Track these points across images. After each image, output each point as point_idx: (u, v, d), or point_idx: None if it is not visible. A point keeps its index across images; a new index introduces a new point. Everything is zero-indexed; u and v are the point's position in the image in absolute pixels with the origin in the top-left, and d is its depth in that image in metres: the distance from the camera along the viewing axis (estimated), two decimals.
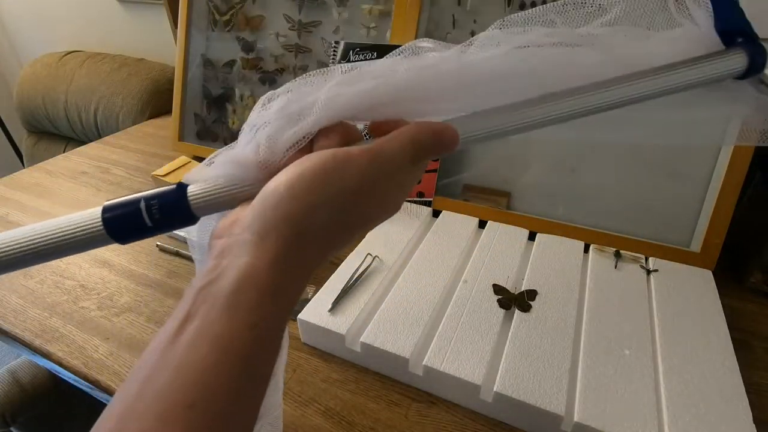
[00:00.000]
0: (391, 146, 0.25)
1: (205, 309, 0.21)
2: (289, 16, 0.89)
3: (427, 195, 0.79)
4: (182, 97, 1.01)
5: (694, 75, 0.28)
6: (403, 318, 0.54)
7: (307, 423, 0.48)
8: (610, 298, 0.56)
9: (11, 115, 1.75)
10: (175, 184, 0.25)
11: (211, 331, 0.20)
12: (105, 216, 0.25)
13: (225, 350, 0.20)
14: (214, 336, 0.20)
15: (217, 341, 0.20)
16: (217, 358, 0.20)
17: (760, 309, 0.62)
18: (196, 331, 0.20)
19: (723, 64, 0.29)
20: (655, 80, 0.28)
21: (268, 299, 0.22)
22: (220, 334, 0.20)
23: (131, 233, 0.25)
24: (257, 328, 0.21)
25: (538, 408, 0.44)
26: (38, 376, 0.93)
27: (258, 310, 0.21)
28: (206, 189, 0.25)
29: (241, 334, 0.20)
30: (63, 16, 1.62)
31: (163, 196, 0.25)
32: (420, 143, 0.26)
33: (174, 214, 0.25)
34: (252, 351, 0.21)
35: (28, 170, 1.04)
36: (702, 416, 0.43)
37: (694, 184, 0.65)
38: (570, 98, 0.28)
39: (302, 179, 0.23)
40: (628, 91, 0.28)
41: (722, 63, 0.29)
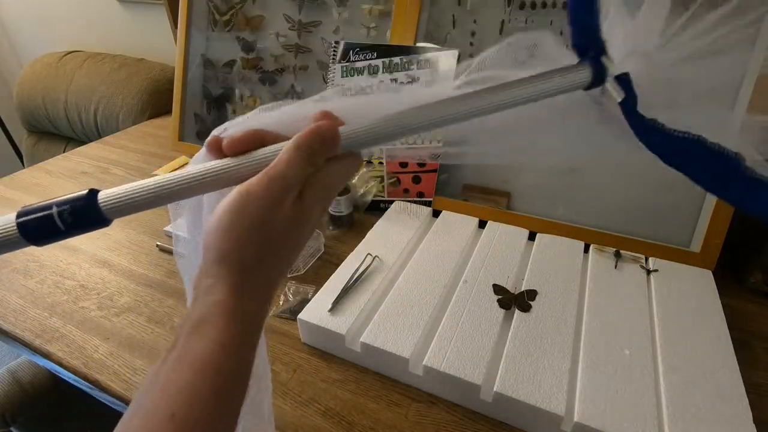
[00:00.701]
0: (279, 164, 0.28)
1: (183, 338, 0.25)
2: (289, 16, 0.89)
3: (427, 195, 0.79)
4: (182, 97, 1.01)
5: (547, 86, 0.32)
6: (403, 318, 0.54)
7: (307, 423, 0.48)
8: (610, 298, 0.56)
9: (11, 115, 1.75)
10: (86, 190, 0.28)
11: (189, 355, 0.25)
12: (19, 221, 0.27)
13: (201, 368, 0.24)
14: (191, 358, 0.24)
15: (193, 362, 0.24)
16: (194, 376, 0.24)
17: (760, 309, 0.62)
18: (177, 356, 0.25)
19: (571, 77, 0.32)
20: (514, 91, 0.31)
21: (233, 322, 0.26)
22: (195, 356, 0.24)
23: (45, 237, 0.27)
24: (226, 347, 0.25)
25: (538, 408, 0.44)
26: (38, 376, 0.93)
27: (226, 331, 0.25)
28: (116, 194, 0.28)
29: (213, 354, 0.24)
30: (63, 16, 1.62)
31: (75, 201, 0.27)
32: (304, 145, 0.28)
33: (85, 219, 0.27)
34: (225, 366, 0.25)
35: (28, 170, 1.04)
36: (702, 416, 0.43)
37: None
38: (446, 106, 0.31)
39: (224, 216, 0.27)
40: (491, 99, 0.31)
41: (571, 76, 0.32)
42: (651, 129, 0.31)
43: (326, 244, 0.74)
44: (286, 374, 0.54)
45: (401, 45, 0.77)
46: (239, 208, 0.27)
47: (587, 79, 0.32)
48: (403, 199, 0.79)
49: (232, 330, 0.26)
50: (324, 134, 0.29)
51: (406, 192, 0.80)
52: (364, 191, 0.78)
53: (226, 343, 0.25)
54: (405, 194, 0.80)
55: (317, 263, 0.71)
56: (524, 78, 0.32)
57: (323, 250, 0.73)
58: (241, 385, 0.27)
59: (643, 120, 0.32)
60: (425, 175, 0.79)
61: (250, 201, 0.27)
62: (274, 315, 0.62)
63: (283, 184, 0.27)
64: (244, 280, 0.27)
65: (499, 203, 0.76)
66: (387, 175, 0.80)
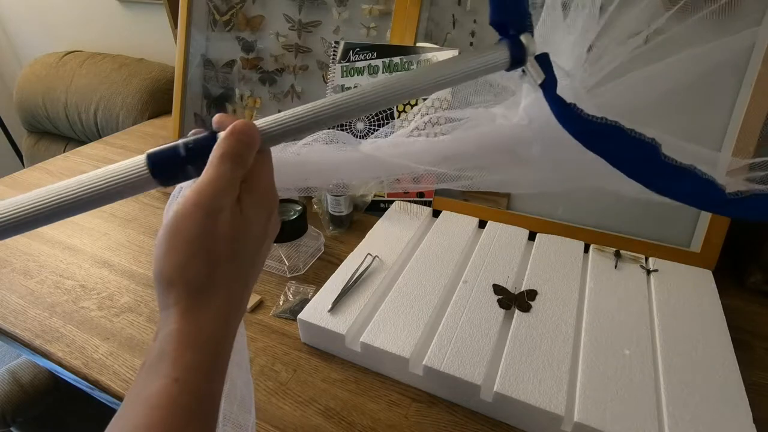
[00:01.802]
0: (210, 170, 0.27)
1: (141, 376, 0.25)
2: (289, 16, 0.89)
3: (427, 195, 0.79)
4: (182, 97, 1.01)
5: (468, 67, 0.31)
6: (403, 318, 0.54)
7: (307, 423, 0.48)
8: (610, 298, 0.56)
9: (11, 115, 1.74)
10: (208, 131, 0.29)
11: (144, 393, 0.24)
12: (149, 153, 0.28)
13: (157, 406, 0.23)
14: (146, 396, 0.23)
15: (148, 400, 0.23)
16: (150, 414, 0.23)
17: (760, 309, 0.62)
18: (133, 396, 0.24)
19: (490, 58, 0.31)
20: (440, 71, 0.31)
21: (185, 352, 0.24)
22: (150, 393, 0.23)
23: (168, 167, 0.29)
24: (180, 380, 0.24)
25: (538, 408, 0.44)
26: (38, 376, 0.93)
27: (178, 363, 0.24)
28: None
29: (168, 389, 0.23)
30: (63, 16, 1.62)
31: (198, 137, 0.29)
32: (228, 147, 0.28)
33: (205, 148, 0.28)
34: (180, 401, 0.24)
35: (28, 170, 1.04)
36: (702, 416, 0.43)
37: None
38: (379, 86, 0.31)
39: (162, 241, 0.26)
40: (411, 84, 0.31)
41: (490, 56, 0.31)
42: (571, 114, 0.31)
43: (326, 244, 0.74)
44: (286, 374, 0.54)
45: (401, 45, 0.77)
46: (173, 230, 0.26)
47: (505, 59, 0.31)
48: (403, 199, 0.79)
49: (188, 360, 0.24)
50: (241, 130, 0.28)
51: (406, 192, 0.80)
52: (364, 191, 0.78)
53: (180, 377, 0.24)
54: (405, 194, 0.80)
55: (317, 263, 0.71)
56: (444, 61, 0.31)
57: (323, 250, 0.73)
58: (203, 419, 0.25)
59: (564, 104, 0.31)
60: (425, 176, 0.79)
61: (182, 218, 0.26)
62: (274, 315, 0.62)
63: (213, 193, 0.26)
64: (194, 302, 0.25)
65: (499, 203, 0.76)
66: None
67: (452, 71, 0.31)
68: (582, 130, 0.31)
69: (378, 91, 0.30)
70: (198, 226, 0.26)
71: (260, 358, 0.56)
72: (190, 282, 0.26)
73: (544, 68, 0.32)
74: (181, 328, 0.25)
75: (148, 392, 0.23)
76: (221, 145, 0.28)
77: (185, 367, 0.24)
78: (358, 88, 0.31)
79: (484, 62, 0.31)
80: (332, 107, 0.30)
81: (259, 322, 0.61)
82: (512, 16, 0.32)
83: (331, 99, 0.30)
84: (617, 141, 0.30)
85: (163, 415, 0.23)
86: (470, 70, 0.31)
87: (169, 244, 0.26)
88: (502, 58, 0.31)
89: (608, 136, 0.31)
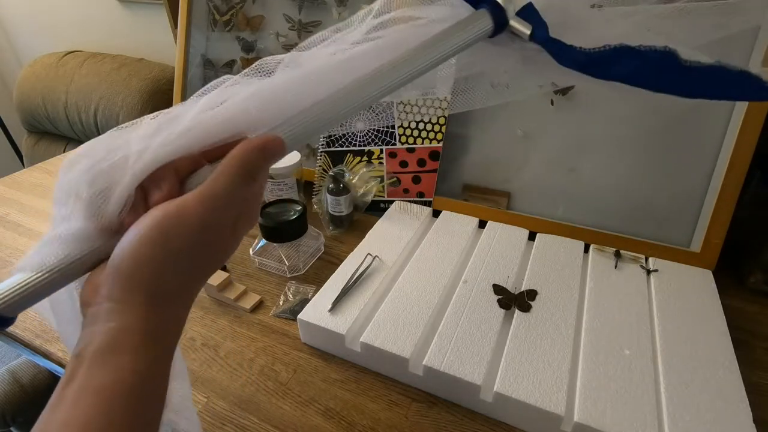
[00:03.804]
0: (223, 181, 0.25)
1: (83, 369, 0.22)
2: (289, 16, 0.89)
3: (427, 195, 0.79)
4: (182, 97, 1.01)
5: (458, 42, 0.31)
6: (403, 318, 0.54)
7: (307, 423, 0.48)
8: (610, 298, 0.56)
9: (11, 115, 1.74)
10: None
11: (92, 386, 0.21)
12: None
13: (107, 399, 0.21)
14: (95, 389, 0.21)
15: (98, 393, 0.21)
16: (100, 408, 0.21)
17: (760, 309, 0.62)
18: (77, 389, 0.21)
19: (472, 28, 0.31)
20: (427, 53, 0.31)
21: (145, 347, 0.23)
22: (100, 385, 0.21)
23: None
24: (139, 372, 0.22)
25: (538, 408, 0.44)
26: (38, 376, 0.93)
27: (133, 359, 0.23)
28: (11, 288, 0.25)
29: (122, 382, 0.22)
30: (63, 16, 1.62)
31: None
32: (249, 163, 0.26)
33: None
34: (135, 394, 0.22)
35: (28, 170, 1.04)
36: (702, 416, 0.43)
37: (694, 183, 0.65)
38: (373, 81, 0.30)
39: (142, 243, 0.24)
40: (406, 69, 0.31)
41: (471, 27, 0.31)
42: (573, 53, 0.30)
43: (326, 244, 0.74)
44: (286, 374, 0.54)
45: None
46: (165, 232, 0.24)
47: (489, 25, 0.31)
48: (403, 199, 0.79)
49: (148, 354, 0.23)
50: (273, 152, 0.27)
51: (406, 192, 0.80)
52: (364, 191, 0.78)
53: (140, 369, 0.23)
54: (405, 194, 0.80)
55: (317, 263, 0.71)
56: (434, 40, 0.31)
57: (323, 250, 0.73)
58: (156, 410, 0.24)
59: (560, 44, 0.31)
60: (425, 175, 0.79)
61: (181, 224, 0.24)
62: (274, 315, 0.62)
63: (223, 201, 0.25)
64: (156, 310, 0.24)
65: (499, 203, 0.76)
66: (387, 175, 0.80)
67: (444, 48, 0.31)
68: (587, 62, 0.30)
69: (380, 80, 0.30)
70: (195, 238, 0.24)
71: (260, 358, 0.56)
72: (166, 291, 0.24)
73: (530, 19, 0.31)
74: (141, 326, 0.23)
75: (99, 384, 0.21)
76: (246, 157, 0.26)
77: (145, 361, 0.23)
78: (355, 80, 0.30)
79: (471, 34, 0.31)
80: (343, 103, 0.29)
81: (259, 322, 0.61)
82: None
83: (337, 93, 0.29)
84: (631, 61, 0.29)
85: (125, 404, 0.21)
86: (460, 45, 0.31)
87: (155, 247, 0.24)
88: (486, 25, 0.31)
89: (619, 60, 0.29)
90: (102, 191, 0.26)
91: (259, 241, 0.69)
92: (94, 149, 0.27)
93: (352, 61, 0.30)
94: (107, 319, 0.23)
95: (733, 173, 0.61)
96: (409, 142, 0.78)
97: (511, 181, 0.76)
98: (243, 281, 0.67)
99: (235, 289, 0.64)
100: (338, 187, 0.75)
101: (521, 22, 0.31)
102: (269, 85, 0.29)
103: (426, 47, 0.31)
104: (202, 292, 0.65)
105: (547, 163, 0.73)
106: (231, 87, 0.30)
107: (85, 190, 0.26)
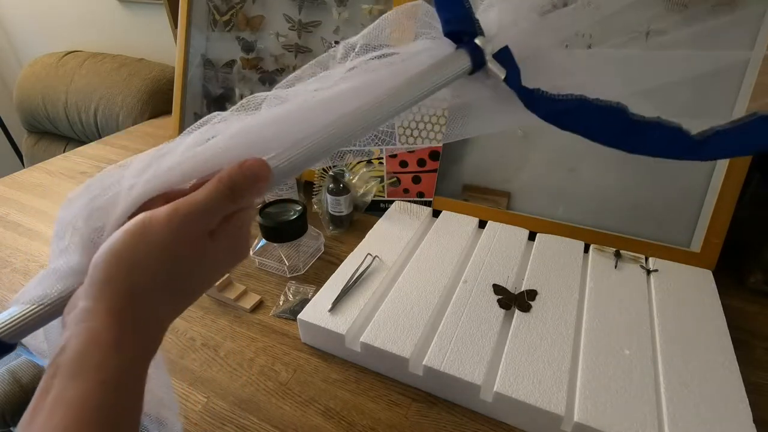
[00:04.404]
0: (202, 192, 0.26)
1: (57, 380, 0.23)
2: (289, 16, 0.89)
3: (427, 195, 0.79)
4: (182, 97, 1.01)
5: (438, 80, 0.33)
6: (403, 318, 0.54)
7: (307, 423, 0.48)
8: (610, 298, 0.56)
9: (11, 115, 1.75)
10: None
11: (65, 398, 0.22)
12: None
13: (80, 411, 0.22)
14: (68, 400, 0.22)
15: (71, 404, 0.22)
16: (74, 420, 0.21)
17: (760, 309, 0.62)
18: (52, 401, 0.22)
19: (455, 67, 0.33)
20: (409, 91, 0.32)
21: (113, 355, 0.23)
22: (73, 397, 0.22)
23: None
24: (106, 383, 0.23)
25: (538, 408, 0.44)
26: (38, 376, 0.93)
27: (104, 366, 0.23)
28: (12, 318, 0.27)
29: (93, 394, 0.22)
30: (63, 16, 1.62)
31: None
32: (231, 180, 0.27)
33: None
34: (108, 404, 0.22)
35: (28, 170, 1.04)
36: (702, 416, 0.43)
37: (694, 184, 0.65)
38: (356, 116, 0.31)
39: (117, 244, 0.25)
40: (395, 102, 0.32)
41: (452, 66, 0.33)
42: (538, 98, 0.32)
43: (326, 244, 0.74)
44: (286, 374, 0.54)
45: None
46: (137, 234, 0.25)
47: (467, 65, 0.33)
48: (403, 199, 0.79)
49: (118, 364, 0.23)
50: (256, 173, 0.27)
51: (406, 192, 0.80)
52: (364, 191, 0.78)
53: (108, 380, 0.23)
54: (405, 194, 0.80)
55: (317, 263, 0.71)
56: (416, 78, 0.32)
57: (323, 250, 0.73)
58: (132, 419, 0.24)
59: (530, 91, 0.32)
60: (425, 175, 0.79)
61: (151, 228, 0.25)
62: (274, 315, 0.62)
63: (193, 216, 0.25)
64: (128, 308, 0.24)
65: (499, 203, 0.76)
66: (387, 175, 0.80)
67: (426, 85, 0.32)
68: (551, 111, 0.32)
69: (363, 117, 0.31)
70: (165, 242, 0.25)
71: (260, 358, 0.56)
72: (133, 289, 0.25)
73: (505, 63, 0.33)
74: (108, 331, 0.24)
75: (69, 397, 0.22)
76: (222, 174, 0.27)
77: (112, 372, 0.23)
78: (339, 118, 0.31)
79: (450, 72, 0.33)
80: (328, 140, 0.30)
81: (259, 322, 0.61)
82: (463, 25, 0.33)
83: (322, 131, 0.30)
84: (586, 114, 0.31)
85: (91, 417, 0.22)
86: (441, 82, 0.33)
87: (127, 244, 0.25)
88: (465, 65, 0.33)
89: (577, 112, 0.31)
90: (97, 228, 0.27)
91: (259, 241, 0.69)
92: (91, 187, 0.28)
93: (335, 99, 0.31)
94: (79, 319, 0.24)
95: (733, 173, 0.61)
96: (409, 142, 0.78)
97: (511, 181, 0.76)
98: (243, 281, 0.67)
99: (235, 289, 0.64)
100: (338, 187, 0.75)
101: (497, 65, 0.33)
102: (254, 121, 0.30)
103: (408, 85, 0.32)
104: None
105: (547, 163, 0.73)
106: (219, 124, 0.31)
107: (81, 225, 0.27)
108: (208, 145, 0.29)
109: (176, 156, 0.28)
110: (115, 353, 0.23)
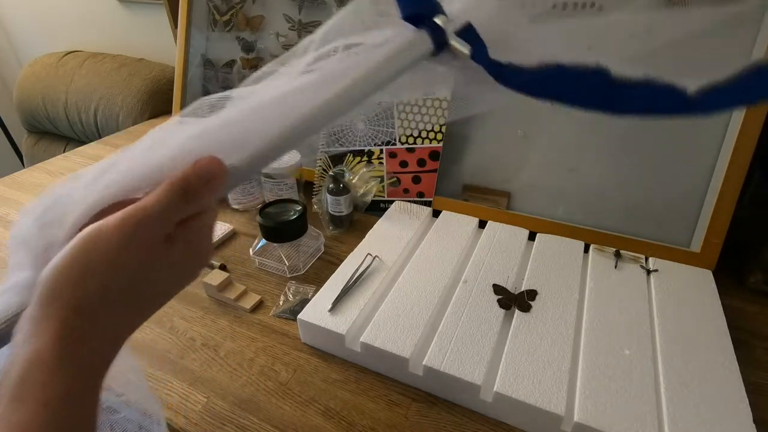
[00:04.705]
0: (154, 197, 0.25)
1: (3, 401, 0.22)
2: (289, 16, 0.89)
3: (427, 195, 0.79)
4: (182, 97, 1.01)
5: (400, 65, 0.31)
6: (403, 318, 0.54)
7: (307, 423, 0.48)
8: (610, 298, 0.56)
9: (11, 115, 1.75)
10: None
11: (11, 421, 0.21)
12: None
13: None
14: (14, 424, 0.21)
15: (16, 427, 0.21)
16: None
17: (760, 309, 0.62)
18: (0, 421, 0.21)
19: (413, 50, 0.32)
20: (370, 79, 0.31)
21: (57, 374, 0.22)
22: (18, 421, 0.21)
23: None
24: (51, 403, 0.22)
25: (538, 408, 0.44)
26: None
27: (48, 386, 0.22)
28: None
29: (37, 416, 0.21)
30: (63, 16, 1.62)
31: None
32: (184, 181, 0.25)
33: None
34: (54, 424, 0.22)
35: (28, 170, 1.04)
36: (702, 416, 0.43)
37: (694, 183, 0.65)
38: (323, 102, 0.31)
39: (63, 260, 0.24)
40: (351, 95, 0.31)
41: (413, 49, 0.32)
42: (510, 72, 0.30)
43: (326, 244, 0.74)
44: (286, 374, 0.54)
45: None
46: (86, 245, 0.24)
47: (429, 47, 0.32)
48: (403, 199, 0.79)
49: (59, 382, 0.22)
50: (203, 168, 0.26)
51: (406, 192, 0.80)
52: (364, 191, 0.78)
53: (50, 399, 0.22)
54: (405, 194, 0.80)
55: (317, 263, 0.71)
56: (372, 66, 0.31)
57: (323, 250, 0.73)
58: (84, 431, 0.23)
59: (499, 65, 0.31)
60: (425, 175, 0.79)
61: (100, 238, 0.24)
62: (274, 315, 0.62)
63: (140, 223, 0.24)
64: (74, 325, 0.23)
65: (499, 203, 0.76)
66: (387, 175, 0.80)
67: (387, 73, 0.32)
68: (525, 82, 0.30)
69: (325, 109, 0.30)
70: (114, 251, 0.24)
71: (260, 358, 0.56)
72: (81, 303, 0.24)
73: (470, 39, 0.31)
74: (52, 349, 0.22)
75: (13, 420, 0.21)
76: (173, 177, 0.25)
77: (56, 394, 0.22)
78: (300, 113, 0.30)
79: (412, 56, 0.32)
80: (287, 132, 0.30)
81: (259, 322, 0.61)
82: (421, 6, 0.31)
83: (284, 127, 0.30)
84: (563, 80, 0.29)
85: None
86: (403, 66, 0.32)
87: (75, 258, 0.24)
88: (427, 47, 0.32)
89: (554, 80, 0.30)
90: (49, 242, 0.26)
91: (259, 241, 0.69)
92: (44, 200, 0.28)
93: (291, 94, 0.30)
94: (25, 338, 0.23)
95: (733, 173, 0.60)
96: (409, 142, 0.78)
97: (511, 181, 0.76)
98: (243, 281, 0.67)
99: (235, 289, 0.64)
100: (338, 187, 0.75)
101: (461, 42, 0.32)
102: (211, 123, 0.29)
103: (369, 73, 0.31)
104: (203, 292, 0.65)
105: (547, 163, 0.73)
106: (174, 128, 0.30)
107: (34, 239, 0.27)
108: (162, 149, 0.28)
109: (128, 163, 0.28)
110: (59, 372, 0.22)
